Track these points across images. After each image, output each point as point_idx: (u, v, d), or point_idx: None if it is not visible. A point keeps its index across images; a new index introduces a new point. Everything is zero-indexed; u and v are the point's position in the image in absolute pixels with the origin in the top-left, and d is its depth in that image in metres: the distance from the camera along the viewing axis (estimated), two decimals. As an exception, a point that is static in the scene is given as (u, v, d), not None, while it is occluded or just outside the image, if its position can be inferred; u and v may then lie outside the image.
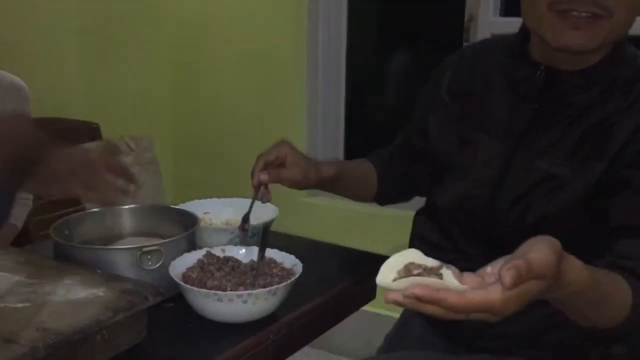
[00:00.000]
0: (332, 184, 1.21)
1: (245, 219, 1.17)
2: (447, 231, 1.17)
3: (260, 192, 1.15)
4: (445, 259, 1.13)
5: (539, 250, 0.70)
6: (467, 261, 1.13)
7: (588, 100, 1.03)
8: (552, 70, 1.04)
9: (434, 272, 0.70)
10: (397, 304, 0.70)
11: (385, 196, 1.34)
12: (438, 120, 1.19)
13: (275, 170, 1.13)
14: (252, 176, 1.14)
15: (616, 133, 0.99)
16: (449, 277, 0.70)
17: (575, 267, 0.74)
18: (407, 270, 0.71)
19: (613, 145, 0.99)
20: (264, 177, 1.12)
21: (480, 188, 1.10)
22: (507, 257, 0.76)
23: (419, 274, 0.70)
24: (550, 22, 0.98)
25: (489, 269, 0.79)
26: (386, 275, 0.71)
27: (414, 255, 0.73)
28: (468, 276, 0.75)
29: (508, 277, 0.67)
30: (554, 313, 1.03)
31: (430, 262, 0.72)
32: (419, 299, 0.67)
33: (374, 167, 1.31)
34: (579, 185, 1.01)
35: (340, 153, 2.63)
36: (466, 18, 2.19)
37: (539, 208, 1.03)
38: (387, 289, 0.69)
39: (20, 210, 1.78)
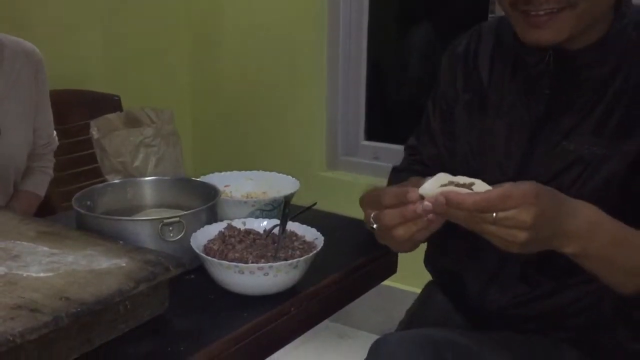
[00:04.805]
0: None
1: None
2: None
3: None
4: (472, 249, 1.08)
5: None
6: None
7: (604, 73, 0.98)
8: (561, 50, 0.99)
9: (466, 186, 0.82)
10: (431, 211, 0.82)
11: None
12: (458, 117, 1.14)
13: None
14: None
15: None
16: (479, 187, 0.82)
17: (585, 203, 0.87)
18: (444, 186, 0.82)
19: None
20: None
21: (505, 178, 1.02)
22: None
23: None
24: (516, 20, 0.97)
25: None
26: (426, 189, 0.83)
27: (446, 176, 0.84)
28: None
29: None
30: (578, 298, 1.01)
31: (463, 179, 0.84)
32: (447, 203, 0.80)
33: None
34: (612, 164, 0.96)
35: (361, 131, 2.61)
36: (491, -10, 2.14)
37: (569, 194, 0.97)
38: (425, 197, 0.83)
39: (41, 179, 1.74)
